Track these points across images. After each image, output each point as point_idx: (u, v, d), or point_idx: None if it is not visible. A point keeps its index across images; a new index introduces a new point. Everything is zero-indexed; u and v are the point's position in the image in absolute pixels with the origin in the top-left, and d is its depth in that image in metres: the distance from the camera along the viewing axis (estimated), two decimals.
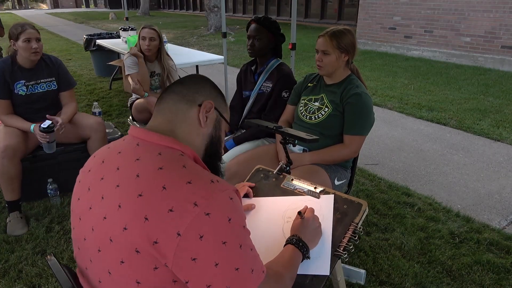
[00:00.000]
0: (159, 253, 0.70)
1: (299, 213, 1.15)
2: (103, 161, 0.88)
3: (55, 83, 2.50)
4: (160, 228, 0.70)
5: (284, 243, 1.08)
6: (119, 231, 0.73)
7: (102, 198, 0.80)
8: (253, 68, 2.35)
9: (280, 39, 2.26)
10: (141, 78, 3.06)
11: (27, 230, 2.30)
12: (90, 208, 0.82)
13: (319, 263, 1.12)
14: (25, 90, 2.40)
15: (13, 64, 2.37)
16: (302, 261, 1.06)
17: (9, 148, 2.23)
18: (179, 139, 0.87)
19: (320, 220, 1.19)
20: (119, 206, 0.75)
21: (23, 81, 2.39)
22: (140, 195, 0.74)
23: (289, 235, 1.11)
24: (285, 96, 2.18)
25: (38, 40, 2.34)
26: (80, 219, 0.85)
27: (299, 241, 1.07)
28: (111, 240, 0.75)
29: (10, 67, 2.35)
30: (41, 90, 2.46)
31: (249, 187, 1.40)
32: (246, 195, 1.39)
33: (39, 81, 2.44)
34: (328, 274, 1.09)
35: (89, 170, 0.90)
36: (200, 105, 0.91)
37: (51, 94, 2.51)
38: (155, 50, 3.09)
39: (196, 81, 0.96)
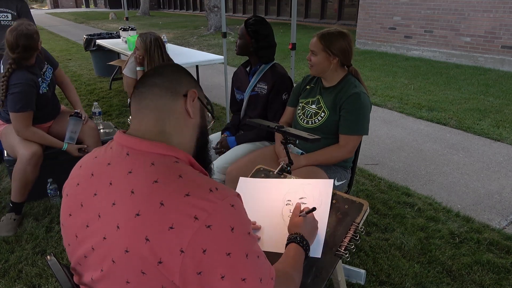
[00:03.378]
0: (165, 272, 0.68)
1: (303, 212, 1.15)
2: (92, 174, 0.83)
3: (51, 83, 2.50)
4: (163, 247, 0.68)
5: (286, 238, 1.09)
6: (121, 253, 0.71)
7: (99, 216, 0.77)
8: (247, 69, 2.35)
9: (261, 44, 2.21)
10: None
11: (13, 233, 2.29)
12: (87, 226, 0.79)
13: (312, 245, 1.14)
14: (45, 86, 2.39)
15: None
16: (305, 258, 1.06)
17: (35, 156, 2.28)
18: (170, 139, 0.83)
19: (318, 204, 1.21)
20: (118, 227, 0.72)
21: (40, 78, 2.35)
22: (137, 215, 0.70)
23: (290, 233, 1.11)
24: (285, 98, 2.18)
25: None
26: (76, 236, 0.82)
27: (303, 239, 1.07)
28: (113, 261, 0.73)
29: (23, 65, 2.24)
30: (45, 91, 2.42)
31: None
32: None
33: (43, 80, 2.40)
34: (319, 256, 1.12)
35: (78, 184, 0.85)
36: (185, 96, 0.86)
37: (50, 93, 2.52)
38: (142, 60, 3.10)
39: (175, 70, 0.90)
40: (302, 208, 1.19)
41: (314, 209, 1.15)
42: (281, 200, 1.30)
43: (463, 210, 2.57)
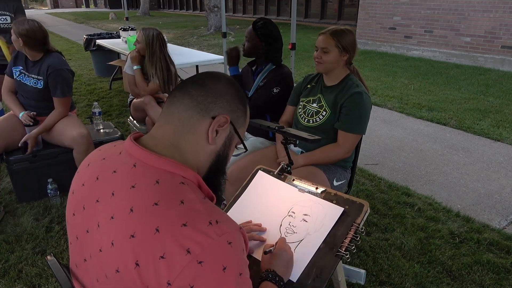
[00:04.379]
0: None
1: (265, 252, 1.09)
2: (97, 178, 0.80)
3: (41, 83, 2.48)
4: (150, 276, 0.65)
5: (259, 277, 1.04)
6: (113, 271, 0.70)
7: (98, 226, 0.75)
8: (253, 68, 2.35)
9: (272, 47, 2.22)
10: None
11: None
12: (88, 231, 0.78)
13: (294, 267, 1.12)
14: (17, 75, 2.51)
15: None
16: None
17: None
18: (183, 156, 0.79)
19: (318, 226, 1.19)
20: (112, 244, 0.70)
21: (21, 68, 2.51)
22: (132, 236, 0.68)
23: (263, 269, 1.06)
24: (274, 91, 2.17)
25: (18, 39, 2.38)
26: (77, 238, 0.81)
27: (275, 275, 1.01)
28: (106, 276, 0.72)
29: (23, 54, 2.50)
30: (27, 83, 2.50)
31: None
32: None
33: (30, 75, 2.49)
34: (294, 281, 1.09)
35: (83, 184, 0.83)
36: (213, 118, 0.80)
37: (37, 91, 2.51)
38: (143, 52, 3.09)
39: (218, 86, 0.82)
40: (265, 247, 1.14)
41: (270, 251, 1.09)
42: (286, 209, 1.29)
43: (463, 210, 2.57)
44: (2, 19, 3.36)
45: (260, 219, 1.26)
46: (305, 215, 1.26)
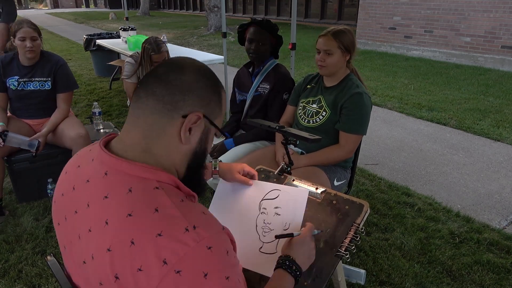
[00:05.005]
0: None
1: (284, 235, 1.04)
2: (73, 188, 0.78)
3: (49, 83, 2.49)
4: None
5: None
6: (96, 284, 0.69)
7: (79, 238, 0.73)
8: (250, 70, 2.35)
9: (280, 41, 2.26)
10: None
11: None
12: (71, 242, 0.77)
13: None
14: (16, 85, 2.45)
15: (13, 60, 2.44)
16: (295, 285, 0.96)
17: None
18: (156, 159, 0.74)
19: (291, 216, 1.16)
20: (92, 257, 0.69)
21: (17, 77, 2.45)
22: (109, 250, 0.66)
23: (282, 253, 1.00)
24: (286, 98, 2.18)
25: (33, 39, 2.34)
26: (65, 247, 0.81)
27: (292, 263, 0.96)
28: None
29: (9, 62, 2.43)
30: (32, 88, 2.47)
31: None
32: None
33: (33, 79, 2.46)
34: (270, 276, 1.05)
35: (62, 194, 0.81)
36: (184, 117, 0.73)
37: (44, 93, 2.50)
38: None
39: (184, 80, 0.74)
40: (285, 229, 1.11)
41: (291, 235, 1.04)
42: (256, 209, 1.24)
43: (463, 210, 2.57)
44: None
45: (235, 225, 1.20)
46: (276, 208, 1.22)
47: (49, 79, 2.48)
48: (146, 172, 0.72)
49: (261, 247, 1.15)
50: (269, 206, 1.23)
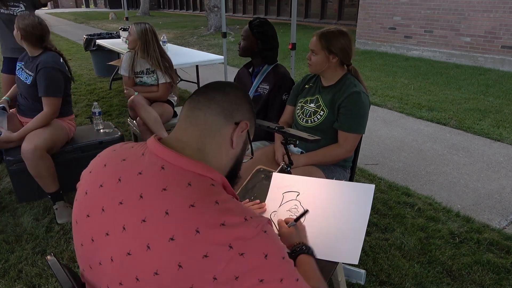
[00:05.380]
0: None
1: (291, 222, 1.14)
2: (119, 180, 0.79)
3: (30, 79, 2.44)
4: (195, 275, 0.67)
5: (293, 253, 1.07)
6: (149, 274, 0.70)
7: (124, 229, 0.74)
8: (250, 70, 2.35)
9: (266, 46, 2.22)
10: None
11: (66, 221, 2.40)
12: (107, 234, 0.77)
13: (350, 252, 1.13)
14: (17, 69, 2.52)
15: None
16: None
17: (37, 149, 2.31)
18: (207, 159, 0.81)
19: (355, 209, 1.22)
20: (148, 247, 0.70)
21: (23, 63, 2.52)
22: (171, 239, 0.69)
23: (290, 245, 1.08)
24: (285, 98, 2.18)
25: (21, 32, 2.39)
26: (92, 240, 0.80)
27: (308, 247, 1.05)
28: (137, 279, 0.71)
29: (23, 49, 2.51)
30: (21, 78, 2.49)
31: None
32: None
33: (25, 69, 2.48)
34: (357, 263, 1.11)
35: (101, 185, 0.81)
36: (237, 124, 0.84)
37: (26, 88, 2.47)
38: (133, 45, 3.09)
39: (238, 96, 0.87)
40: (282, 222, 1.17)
41: (306, 211, 1.16)
42: (287, 209, 1.29)
43: (463, 210, 2.57)
44: (17, 9, 3.44)
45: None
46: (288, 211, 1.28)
47: (32, 74, 2.44)
48: (202, 169, 0.78)
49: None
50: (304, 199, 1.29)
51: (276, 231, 1.15)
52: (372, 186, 1.23)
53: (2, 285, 1.90)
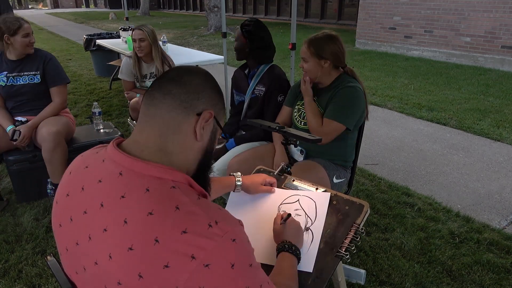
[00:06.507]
0: None
1: (283, 219, 1.14)
2: (82, 188, 0.77)
3: (38, 77, 2.47)
4: (157, 285, 0.65)
5: (276, 249, 1.09)
6: (114, 285, 0.68)
7: (90, 238, 0.72)
8: (246, 71, 2.35)
9: (256, 45, 2.21)
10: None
11: None
12: (77, 244, 0.75)
13: (304, 259, 1.13)
14: (5, 80, 2.44)
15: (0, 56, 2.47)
16: (298, 263, 1.07)
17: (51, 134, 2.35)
18: (170, 158, 0.77)
19: (313, 218, 1.21)
20: (110, 257, 0.68)
21: (6, 72, 2.45)
22: (130, 249, 0.66)
23: (277, 242, 1.11)
24: (280, 100, 2.18)
25: (33, 33, 2.44)
26: (67, 250, 0.79)
27: (291, 245, 1.07)
28: None
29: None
30: (22, 82, 2.46)
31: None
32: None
33: (22, 73, 2.45)
34: (311, 271, 1.11)
35: (67, 194, 0.80)
36: (198, 115, 0.78)
37: (34, 88, 2.49)
38: (147, 50, 3.08)
39: (197, 82, 0.80)
40: (277, 218, 1.18)
41: (289, 215, 1.15)
42: (275, 211, 1.29)
43: (463, 210, 2.57)
44: None
45: (253, 228, 1.25)
46: (296, 210, 1.28)
47: (38, 72, 2.46)
48: (161, 172, 0.73)
49: None
50: (288, 208, 1.28)
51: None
52: (328, 194, 1.28)
53: (2, 285, 1.90)
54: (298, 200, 1.30)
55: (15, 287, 1.89)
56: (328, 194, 1.28)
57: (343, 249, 1.15)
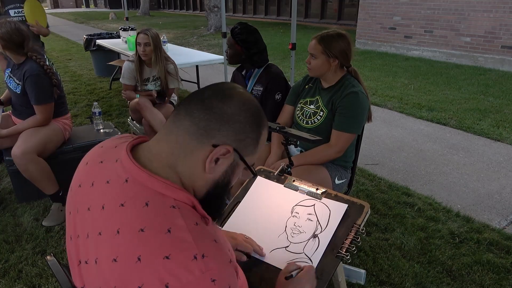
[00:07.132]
0: None
1: (286, 277, 1.01)
2: (92, 184, 0.77)
3: (19, 88, 2.39)
4: None
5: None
6: (107, 286, 0.68)
7: (88, 236, 0.73)
8: (243, 73, 2.35)
9: (252, 51, 2.22)
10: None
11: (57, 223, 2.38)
12: (78, 236, 0.77)
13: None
14: (6, 78, 2.48)
15: None
16: None
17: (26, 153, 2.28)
18: (178, 177, 0.73)
19: (324, 225, 1.20)
20: (96, 262, 0.70)
21: (9, 70, 2.47)
22: (115, 260, 0.66)
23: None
24: (278, 98, 2.18)
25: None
26: (71, 238, 0.80)
27: None
28: None
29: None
30: (10, 86, 2.45)
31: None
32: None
33: (13, 78, 2.43)
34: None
35: (80, 185, 0.80)
36: (214, 146, 0.72)
37: (18, 96, 2.43)
38: (151, 55, 3.08)
39: (226, 111, 0.72)
40: (289, 266, 1.07)
41: (291, 276, 1.02)
42: (288, 210, 1.29)
43: (463, 210, 2.57)
44: (17, 12, 3.46)
45: (263, 222, 1.26)
46: (309, 214, 1.27)
47: (20, 84, 2.39)
48: (164, 188, 0.70)
49: (288, 246, 1.19)
50: (302, 211, 1.28)
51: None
52: (344, 206, 1.26)
53: (2, 285, 1.90)
54: (314, 205, 1.29)
55: (15, 287, 1.89)
56: (344, 206, 1.26)
57: (344, 250, 1.15)
